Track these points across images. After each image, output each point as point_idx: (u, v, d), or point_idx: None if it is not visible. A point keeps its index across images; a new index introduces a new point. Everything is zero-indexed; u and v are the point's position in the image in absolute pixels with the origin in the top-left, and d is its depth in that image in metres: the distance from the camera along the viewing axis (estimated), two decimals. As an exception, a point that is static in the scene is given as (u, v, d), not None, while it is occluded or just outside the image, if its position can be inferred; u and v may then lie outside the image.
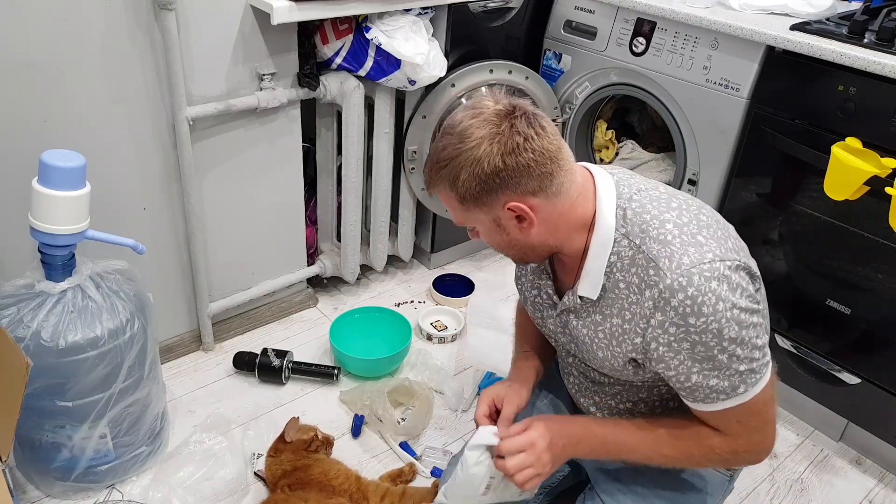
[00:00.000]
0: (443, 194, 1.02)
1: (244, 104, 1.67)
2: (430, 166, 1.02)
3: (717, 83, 1.78)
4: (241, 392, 1.81)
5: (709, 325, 0.92)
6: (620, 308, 1.01)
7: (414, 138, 2.04)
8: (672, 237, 0.96)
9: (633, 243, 0.98)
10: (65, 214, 1.28)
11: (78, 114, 1.48)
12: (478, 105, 0.99)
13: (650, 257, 0.96)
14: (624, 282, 0.99)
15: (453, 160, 0.97)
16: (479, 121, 0.96)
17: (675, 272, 0.93)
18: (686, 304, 0.92)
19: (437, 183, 1.01)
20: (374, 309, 2.04)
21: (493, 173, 0.95)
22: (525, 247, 1.05)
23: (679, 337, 0.94)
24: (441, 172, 0.99)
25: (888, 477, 1.72)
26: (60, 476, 1.46)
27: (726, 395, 0.98)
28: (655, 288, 0.94)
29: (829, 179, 1.54)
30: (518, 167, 0.95)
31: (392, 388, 1.76)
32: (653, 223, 0.98)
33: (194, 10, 1.53)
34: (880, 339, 1.62)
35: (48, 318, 1.31)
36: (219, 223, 1.82)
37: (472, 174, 0.96)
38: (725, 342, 0.93)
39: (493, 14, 2.07)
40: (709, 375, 0.96)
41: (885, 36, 1.54)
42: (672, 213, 0.99)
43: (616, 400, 1.18)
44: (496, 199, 0.98)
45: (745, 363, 0.96)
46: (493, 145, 0.94)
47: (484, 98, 1.01)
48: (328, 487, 1.43)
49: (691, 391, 1.00)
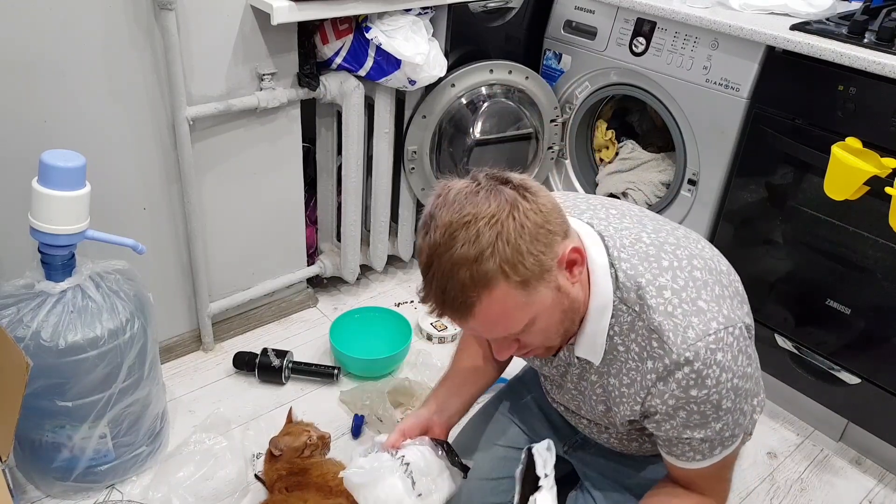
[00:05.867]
0: (493, 301, 0.83)
1: (244, 104, 1.67)
2: (461, 276, 0.82)
3: (717, 83, 1.78)
4: (241, 392, 1.81)
5: (709, 396, 0.91)
6: (619, 370, 0.98)
7: (414, 138, 2.04)
8: (673, 308, 0.91)
9: (631, 310, 0.94)
10: (65, 214, 1.28)
11: (78, 114, 1.48)
12: (451, 196, 0.85)
13: (652, 328, 0.91)
14: (623, 345, 0.96)
15: (497, 240, 0.81)
16: (480, 197, 0.84)
17: (680, 347, 0.89)
18: (691, 378, 0.90)
19: (486, 288, 0.82)
20: (374, 309, 2.04)
21: (544, 224, 0.84)
22: (576, 310, 0.94)
23: (678, 406, 0.93)
24: (489, 267, 0.81)
25: (888, 477, 1.72)
26: (60, 476, 1.46)
27: (703, 457, 0.98)
28: (660, 361, 0.91)
29: (829, 179, 1.54)
30: (551, 210, 0.86)
31: (392, 388, 1.76)
32: (649, 290, 0.92)
33: (194, 10, 1.53)
34: (880, 339, 1.62)
35: (48, 318, 1.31)
36: (219, 223, 1.82)
37: (530, 238, 0.82)
38: (721, 412, 0.93)
39: (493, 14, 2.07)
40: (694, 438, 0.96)
41: (885, 36, 1.54)
42: (667, 277, 0.93)
43: (608, 429, 1.17)
44: (554, 254, 0.85)
45: (730, 429, 0.95)
46: (519, 204, 0.83)
47: (445, 189, 0.87)
48: (325, 488, 1.42)
49: (671, 446, 1.00)
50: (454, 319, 0.88)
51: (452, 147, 2.06)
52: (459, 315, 0.86)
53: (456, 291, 0.83)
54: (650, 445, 1.16)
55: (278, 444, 1.46)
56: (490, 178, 0.86)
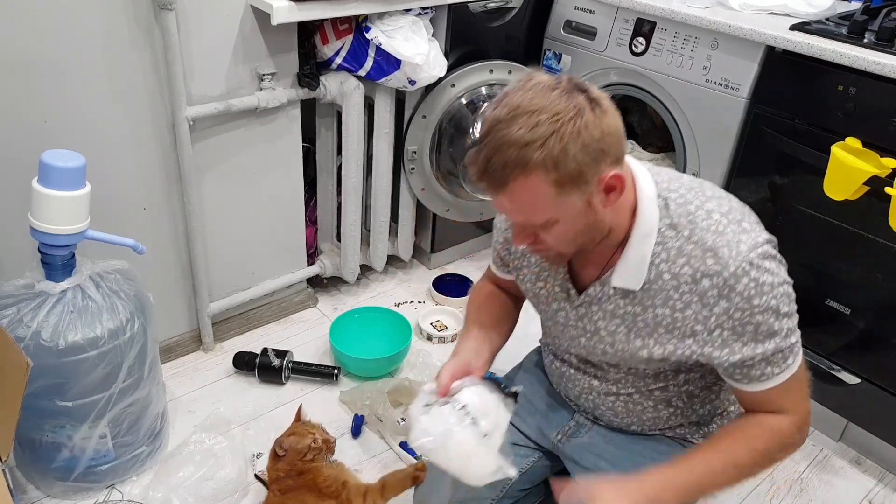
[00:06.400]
0: (526, 186, 0.89)
1: (244, 104, 1.67)
2: (508, 153, 0.88)
3: (716, 83, 1.77)
4: (241, 392, 1.81)
5: (769, 302, 0.96)
6: (666, 298, 1.01)
7: (414, 138, 2.04)
8: (723, 227, 0.98)
9: (681, 235, 0.99)
10: (65, 214, 1.28)
11: (78, 114, 1.48)
12: (529, 84, 0.91)
13: (706, 248, 0.97)
14: (669, 273, 1.00)
15: (551, 136, 0.86)
16: (555, 94, 0.88)
17: (736, 259, 0.95)
18: (751, 288, 0.95)
19: (523, 172, 0.88)
20: (373, 309, 2.04)
21: (600, 140, 0.89)
22: (599, 230, 0.99)
23: (744, 321, 0.97)
24: (533, 155, 0.87)
25: (888, 477, 1.72)
26: (60, 476, 1.46)
27: (780, 370, 1.01)
28: (718, 277, 0.96)
29: (829, 179, 1.54)
30: (612, 132, 0.91)
31: (392, 388, 1.76)
32: (699, 214, 0.99)
33: (194, 10, 1.53)
34: (880, 339, 1.62)
35: (48, 318, 1.31)
36: (219, 223, 1.82)
37: (581, 146, 0.87)
38: (782, 317, 0.98)
39: (493, 14, 2.07)
40: (767, 351, 0.99)
41: (885, 36, 1.54)
42: (713, 204, 1.01)
43: (617, 386, 1.17)
44: (597, 171, 0.90)
45: (794, 334, 1.01)
46: (585, 114, 0.88)
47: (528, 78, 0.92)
48: (315, 489, 1.41)
49: (748, 370, 1.01)
50: (488, 189, 0.93)
51: (452, 147, 2.06)
52: (493, 186, 0.92)
53: (498, 165, 0.89)
54: (660, 409, 1.15)
55: (283, 444, 1.44)
56: (570, 82, 0.91)
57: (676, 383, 1.14)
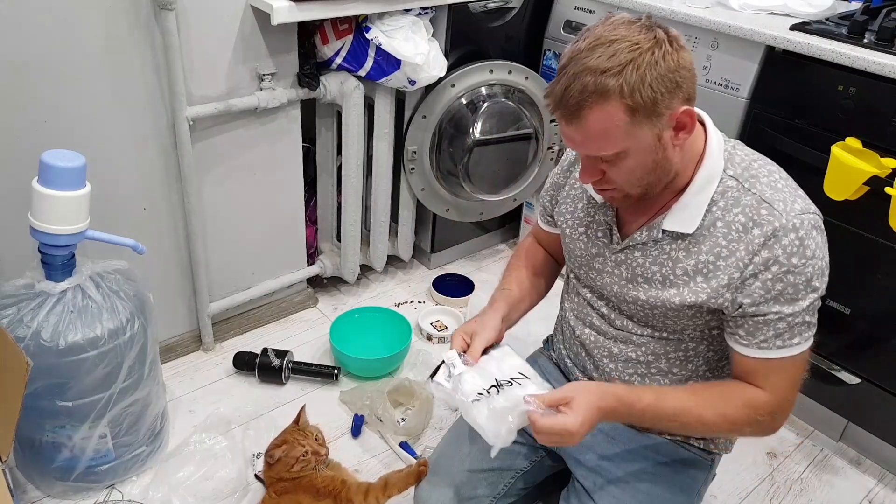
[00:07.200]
0: (601, 113, 0.91)
1: (244, 104, 1.67)
2: (585, 80, 0.89)
3: (716, 83, 1.78)
4: (241, 392, 1.81)
5: (805, 267, 0.98)
6: (713, 245, 1.03)
7: (414, 138, 2.04)
8: (782, 186, 1.02)
9: (741, 186, 1.02)
10: (65, 214, 1.28)
11: (78, 114, 1.48)
12: (611, 20, 0.94)
13: (763, 199, 1.00)
14: (723, 221, 1.02)
15: (629, 64, 0.88)
16: (635, 27, 0.92)
17: (789, 214, 0.98)
18: (795, 244, 0.98)
19: (599, 99, 0.90)
20: (373, 309, 2.05)
21: (675, 71, 0.91)
22: (666, 170, 1.00)
23: (777, 276, 0.98)
24: (609, 82, 0.88)
25: (888, 477, 1.72)
26: (60, 476, 1.46)
27: (784, 344, 1.01)
28: (769, 226, 0.98)
29: (828, 179, 1.54)
30: (687, 67, 0.93)
31: (392, 388, 1.76)
32: (762, 171, 1.03)
33: (194, 10, 1.53)
34: (880, 339, 1.62)
35: (48, 318, 1.31)
36: (219, 223, 1.82)
37: (657, 75, 0.89)
38: (810, 290, 1.00)
39: (493, 14, 2.07)
40: (782, 314, 1.00)
41: (885, 36, 1.54)
42: (775, 167, 1.06)
43: (639, 352, 1.17)
44: (671, 105, 0.92)
45: (810, 314, 1.02)
46: (664, 46, 0.91)
47: (611, 15, 0.96)
48: (311, 490, 1.41)
49: (756, 330, 1.02)
50: (563, 118, 0.95)
51: (452, 147, 2.06)
52: (568, 115, 0.93)
53: (575, 92, 0.91)
54: (686, 359, 1.15)
55: (273, 455, 1.39)
56: (650, 19, 0.95)
57: (697, 352, 1.14)
